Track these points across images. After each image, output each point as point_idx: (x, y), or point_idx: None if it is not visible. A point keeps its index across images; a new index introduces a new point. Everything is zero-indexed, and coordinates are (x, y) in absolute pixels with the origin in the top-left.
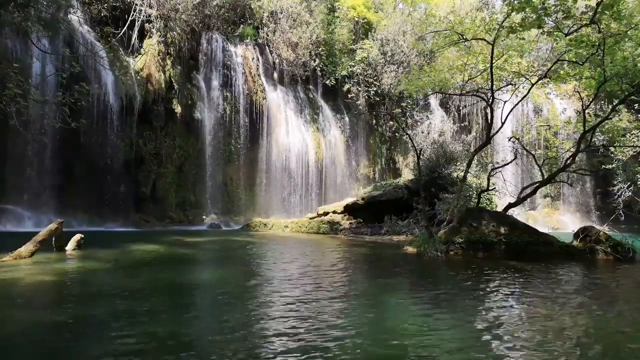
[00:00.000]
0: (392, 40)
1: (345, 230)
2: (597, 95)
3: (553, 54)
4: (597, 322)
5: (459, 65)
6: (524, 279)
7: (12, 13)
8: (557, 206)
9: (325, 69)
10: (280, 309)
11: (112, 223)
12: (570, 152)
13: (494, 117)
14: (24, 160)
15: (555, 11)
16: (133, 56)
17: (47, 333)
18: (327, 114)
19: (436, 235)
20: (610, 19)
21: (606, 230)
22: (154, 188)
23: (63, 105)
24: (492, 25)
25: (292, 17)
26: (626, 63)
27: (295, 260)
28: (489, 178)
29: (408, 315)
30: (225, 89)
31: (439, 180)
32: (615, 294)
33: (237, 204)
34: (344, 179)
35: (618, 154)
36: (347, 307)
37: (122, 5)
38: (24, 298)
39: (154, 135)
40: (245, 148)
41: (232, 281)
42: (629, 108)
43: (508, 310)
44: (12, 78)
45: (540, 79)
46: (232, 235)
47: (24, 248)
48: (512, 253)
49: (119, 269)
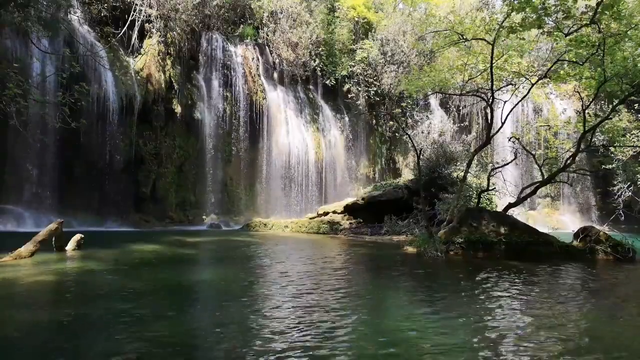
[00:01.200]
0: (392, 40)
1: (345, 230)
2: (597, 95)
3: (553, 54)
4: (598, 322)
5: (459, 65)
6: (524, 279)
7: (12, 13)
8: (557, 206)
9: (325, 69)
10: (280, 309)
11: (112, 223)
12: (570, 152)
13: (494, 117)
14: (24, 160)
15: (555, 11)
16: (133, 56)
17: (47, 333)
18: (327, 114)
19: (436, 235)
20: (610, 19)
21: (606, 230)
22: (154, 188)
23: (63, 105)
24: (492, 25)
25: (292, 17)
26: (626, 63)
27: (295, 260)
28: (489, 178)
29: (408, 315)
30: (225, 89)
31: (439, 180)
32: (616, 294)
33: (237, 204)
34: (344, 179)
35: (618, 154)
36: (347, 307)
37: (122, 5)
38: (24, 298)
39: (154, 135)
40: (245, 148)
41: (232, 281)
42: (629, 108)
43: (508, 310)
44: (12, 78)
45: (540, 79)
46: (232, 235)
47: (24, 248)
48: (512, 253)
49: (119, 269)
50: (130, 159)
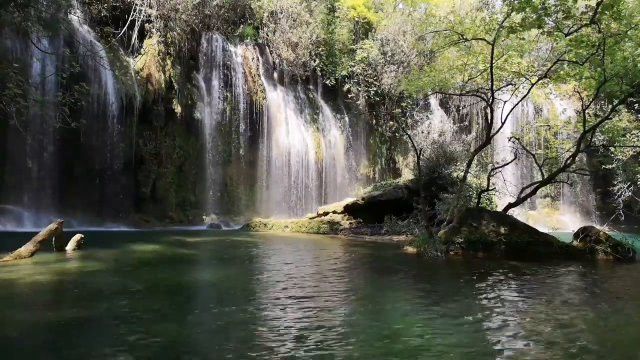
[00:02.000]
0: (392, 40)
1: (345, 230)
2: (597, 95)
3: (553, 54)
4: (598, 322)
5: (459, 65)
6: (524, 279)
7: (12, 13)
8: (557, 206)
9: (325, 69)
10: (280, 309)
11: (112, 223)
12: (570, 152)
13: (494, 117)
14: (24, 161)
15: (556, 11)
16: (133, 56)
17: (47, 333)
18: (327, 114)
19: (436, 235)
20: (610, 19)
21: (606, 230)
22: (154, 188)
23: (63, 105)
24: (492, 25)
25: (292, 17)
26: (626, 63)
27: (295, 260)
28: (489, 178)
29: (408, 315)
30: (225, 89)
31: (439, 180)
32: (616, 295)
33: (237, 204)
34: (344, 179)
35: (618, 154)
36: (347, 307)
37: (122, 5)
38: (24, 298)
39: (154, 135)
40: (245, 148)
41: (232, 281)
42: (629, 108)
43: (508, 310)
44: (12, 78)
45: (540, 79)
46: (232, 236)
47: (24, 248)
48: (512, 253)
49: (119, 269)
50: (130, 159)
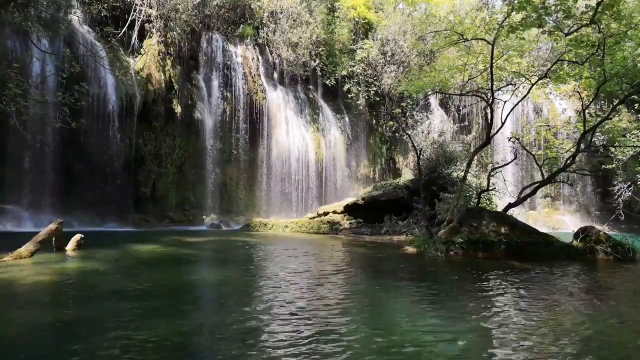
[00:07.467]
0: (392, 40)
1: (345, 230)
2: (597, 95)
3: (553, 54)
4: (598, 323)
5: (459, 65)
6: (525, 279)
7: (12, 13)
8: (557, 206)
9: (325, 69)
10: (280, 309)
11: (112, 223)
12: (570, 152)
13: (494, 117)
14: (24, 160)
15: (556, 11)
16: (133, 56)
17: (47, 333)
18: (327, 114)
19: (436, 235)
20: (610, 19)
21: (606, 230)
22: (154, 188)
23: (63, 105)
24: (492, 25)
25: (292, 17)
26: (626, 63)
27: (295, 260)
28: (489, 178)
29: (408, 315)
30: (225, 89)
31: (439, 180)
32: (616, 295)
33: (237, 204)
34: (344, 179)
35: (618, 154)
36: (347, 307)
37: (122, 5)
38: (24, 298)
39: (154, 135)
40: (245, 148)
41: (232, 281)
42: (629, 108)
43: (509, 310)
44: (12, 78)
45: (540, 79)
46: (232, 235)
47: (24, 248)
48: (512, 253)
49: (119, 269)
50: (130, 159)
